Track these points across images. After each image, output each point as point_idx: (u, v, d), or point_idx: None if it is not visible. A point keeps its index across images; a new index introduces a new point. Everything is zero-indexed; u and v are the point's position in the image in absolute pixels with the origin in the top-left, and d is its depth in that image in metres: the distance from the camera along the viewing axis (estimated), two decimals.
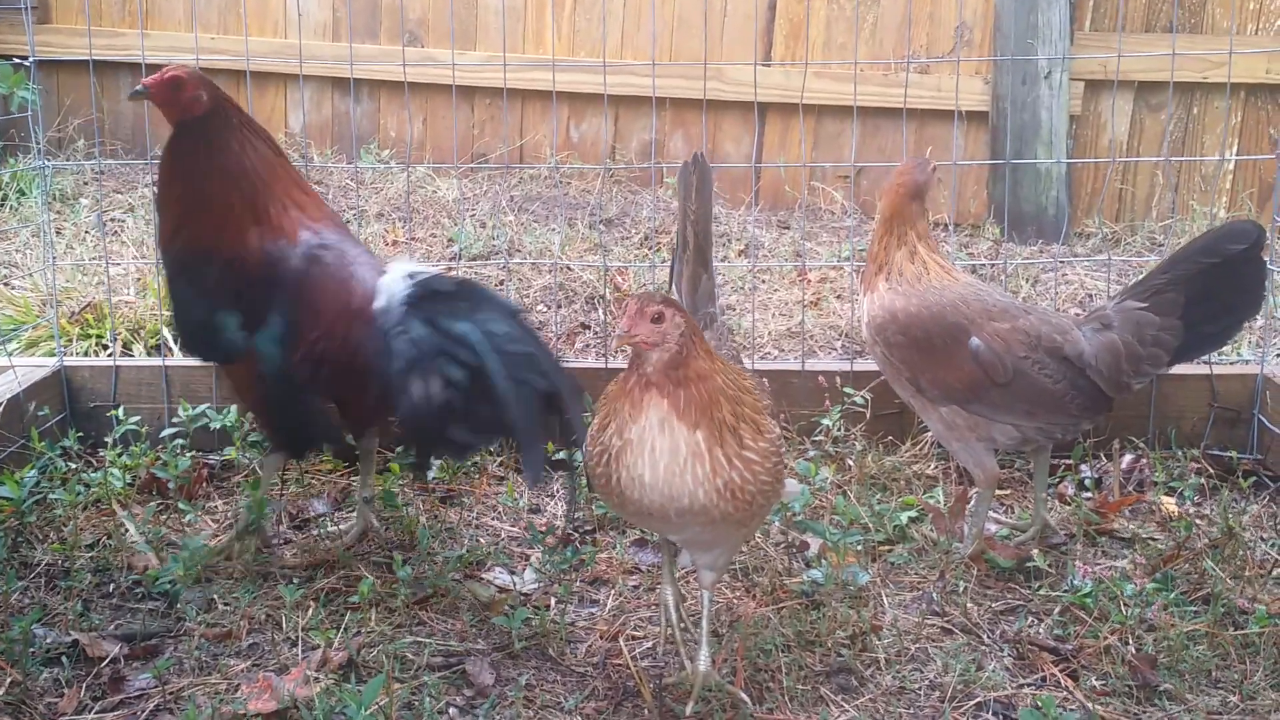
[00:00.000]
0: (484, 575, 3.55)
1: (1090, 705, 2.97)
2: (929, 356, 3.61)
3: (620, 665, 3.13)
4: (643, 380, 2.63)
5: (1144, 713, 2.97)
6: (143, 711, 2.86)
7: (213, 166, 3.44)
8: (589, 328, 5.39)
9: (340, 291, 3.34)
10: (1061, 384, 3.56)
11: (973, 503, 3.74)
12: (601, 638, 3.26)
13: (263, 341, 3.35)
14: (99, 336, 4.89)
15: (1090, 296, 5.83)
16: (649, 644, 3.23)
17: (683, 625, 3.15)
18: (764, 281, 5.93)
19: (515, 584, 3.51)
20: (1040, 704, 2.72)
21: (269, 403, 3.45)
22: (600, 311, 5.45)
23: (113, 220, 6.26)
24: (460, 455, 3.91)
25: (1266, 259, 3.63)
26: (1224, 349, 5.06)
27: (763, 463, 2.69)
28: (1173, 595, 3.38)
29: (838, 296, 5.74)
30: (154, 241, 4.99)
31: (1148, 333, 3.57)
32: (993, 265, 6.07)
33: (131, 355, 4.76)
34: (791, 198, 7.19)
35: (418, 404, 3.12)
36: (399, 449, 4.12)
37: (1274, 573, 3.59)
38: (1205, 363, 4.48)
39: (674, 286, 3.51)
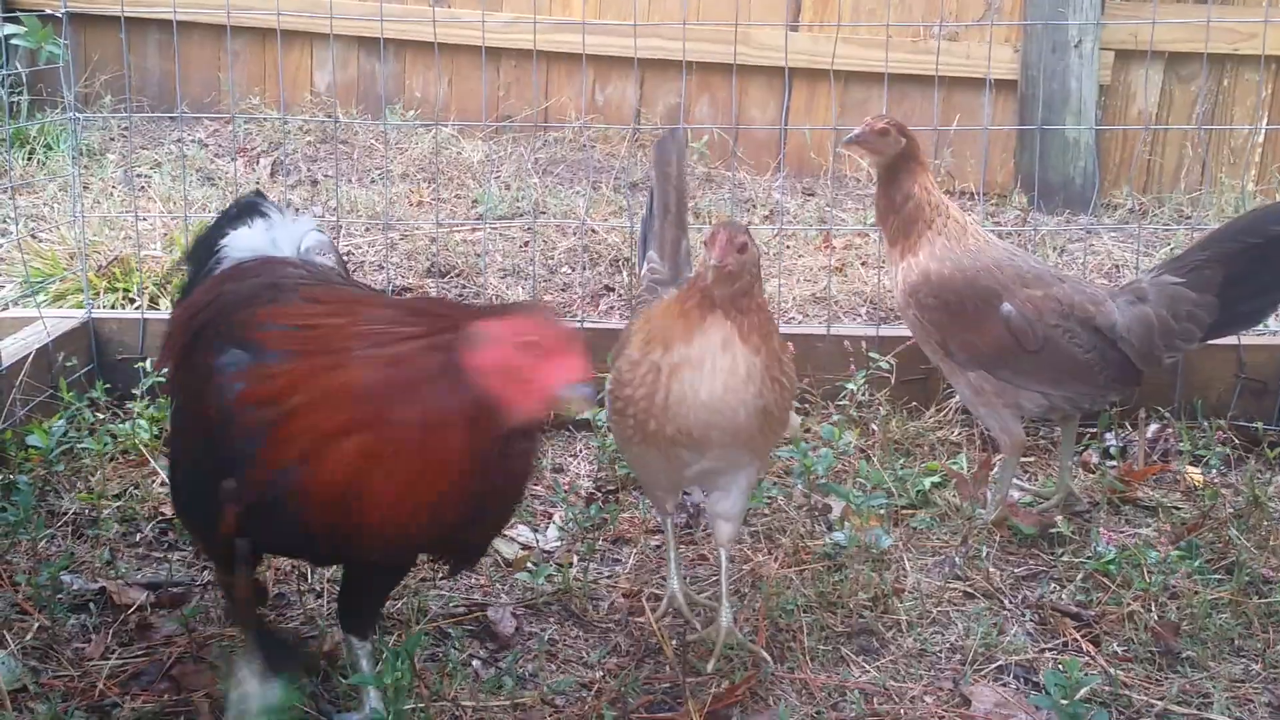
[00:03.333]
0: (508, 533, 3.56)
1: (1112, 670, 2.98)
2: (960, 320, 3.59)
3: (642, 623, 3.15)
4: (707, 302, 2.70)
5: (1166, 679, 2.98)
6: (168, 658, 2.89)
7: None
8: (613, 290, 5.39)
9: None
10: (1092, 354, 3.54)
11: (997, 469, 3.73)
12: (624, 595, 3.28)
13: None
14: (126, 290, 4.90)
15: (1117, 267, 5.80)
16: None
17: (693, 605, 3.18)
18: (789, 247, 5.91)
19: (539, 541, 3.53)
20: (1063, 667, 2.72)
21: None
22: (624, 274, 5.44)
23: (140, 176, 6.27)
24: None
25: None
26: None
27: (788, 392, 2.82)
28: (1196, 564, 3.38)
29: (863, 263, 5.72)
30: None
31: (1182, 308, 3.54)
32: (1019, 234, 6.04)
33: (158, 309, 4.78)
34: (817, 164, 7.15)
35: None
36: None
37: None
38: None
39: (645, 249, 3.53)
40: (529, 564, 3.36)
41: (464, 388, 2.15)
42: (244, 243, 2.85)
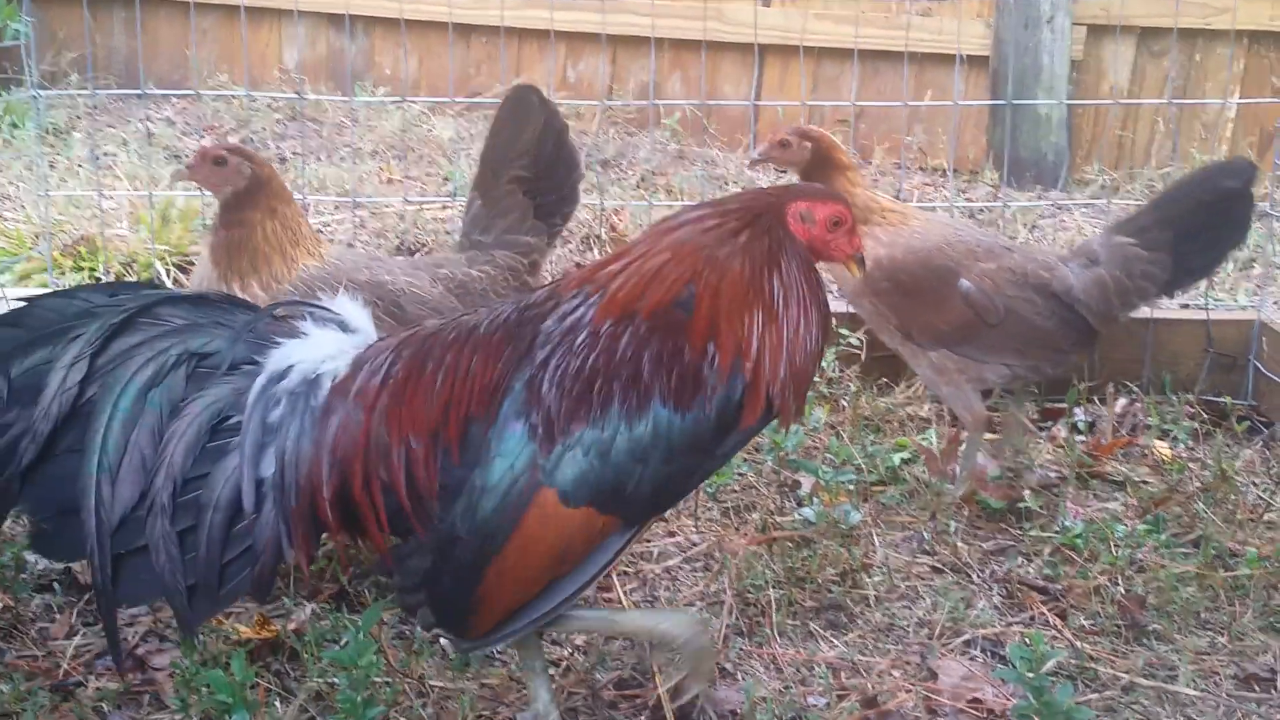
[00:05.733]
0: None
1: (1078, 644, 2.99)
2: (918, 302, 3.57)
3: (610, 598, 3.14)
4: None
5: (1132, 652, 2.99)
6: (134, 636, 2.87)
7: None
8: (583, 267, 5.36)
9: None
10: (1052, 320, 3.55)
11: (964, 446, 3.74)
12: None
13: None
14: (92, 269, 4.86)
15: None
16: (638, 581, 3.24)
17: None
18: None
19: None
20: (1029, 640, 2.73)
21: None
22: (596, 251, 5.42)
23: (106, 154, 6.21)
24: None
25: (1254, 193, 3.64)
26: (1221, 296, 5.07)
27: None
28: (1163, 537, 3.40)
29: None
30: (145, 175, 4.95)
31: (1136, 267, 3.56)
32: (990, 210, 6.05)
33: None
34: None
35: None
36: None
37: (1265, 516, 3.60)
38: (1202, 308, 4.48)
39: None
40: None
41: (803, 259, 2.31)
42: (315, 351, 2.30)
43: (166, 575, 2.13)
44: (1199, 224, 3.56)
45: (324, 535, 2.27)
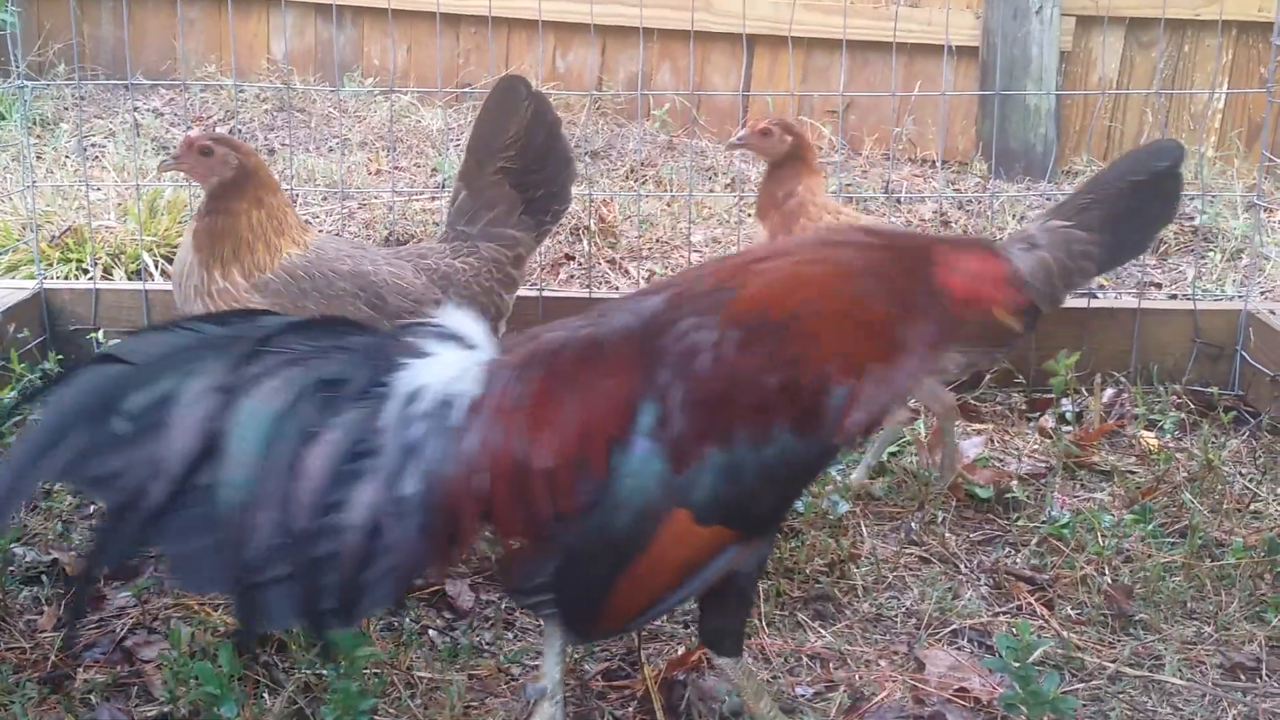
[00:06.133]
0: None
1: (1065, 634, 3.00)
2: None
3: None
4: None
5: (1118, 641, 3.00)
6: (122, 628, 2.87)
7: None
8: (573, 259, 5.37)
9: None
10: None
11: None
12: None
13: None
14: (79, 261, 4.86)
15: None
16: None
17: None
18: (749, 215, 5.89)
19: None
20: (1016, 630, 2.74)
21: None
22: (585, 243, 5.42)
23: (93, 145, 6.20)
24: None
25: (1182, 173, 3.78)
26: (1208, 286, 5.08)
27: None
28: (1150, 527, 3.41)
29: None
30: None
31: (1076, 248, 3.64)
32: (979, 201, 6.06)
33: (111, 280, 4.73)
34: None
35: None
36: None
37: (1251, 506, 3.61)
38: (1189, 299, 4.49)
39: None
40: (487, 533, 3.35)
41: (944, 311, 2.29)
42: (444, 371, 2.26)
43: (306, 599, 2.11)
44: (1132, 204, 3.69)
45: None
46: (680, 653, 2.85)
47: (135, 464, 2.03)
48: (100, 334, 4.15)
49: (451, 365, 2.24)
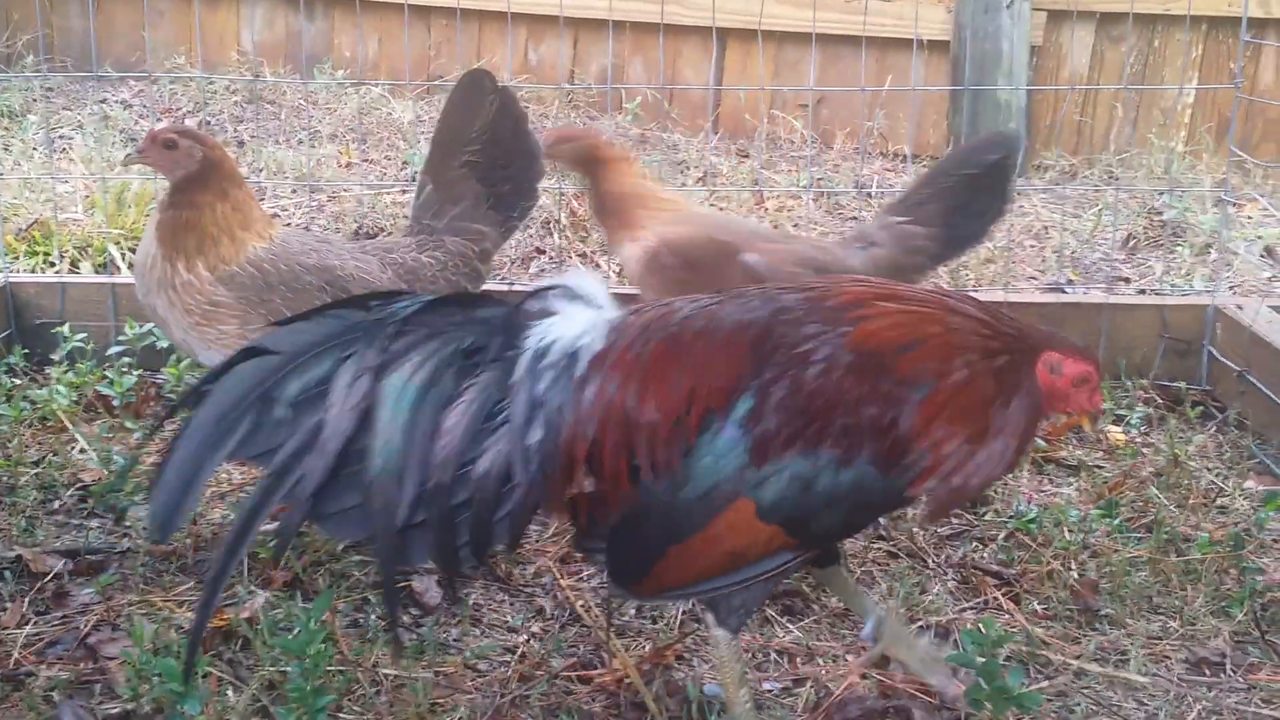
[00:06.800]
0: None
1: (1031, 628, 3.01)
2: (703, 274, 3.52)
3: (569, 586, 3.14)
4: None
5: (1084, 636, 3.01)
6: (86, 625, 2.85)
7: None
8: (544, 252, 5.36)
9: None
10: None
11: None
12: (550, 559, 3.27)
13: None
14: (46, 254, 4.82)
15: (1046, 229, 5.84)
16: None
17: None
18: (722, 209, 5.90)
19: None
20: (982, 626, 2.75)
21: None
22: (555, 236, 5.41)
23: (61, 138, 6.15)
24: None
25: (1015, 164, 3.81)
26: (1176, 281, 5.11)
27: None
28: (1116, 522, 3.42)
29: (795, 225, 5.72)
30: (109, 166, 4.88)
31: (912, 243, 3.65)
32: None
33: (78, 273, 4.69)
34: (751, 126, 7.13)
35: None
36: None
37: (1217, 501, 3.63)
38: (1157, 293, 4.51)
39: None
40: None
41: (1035, 405, 2.36)
42: (573, 327, 2.40)
43: (441, 542, 2.28)
44: (965, 197, 3.70)
45: None
46: (651, 649, 2.85)
47: (299, 446, 2.24)
48: (66, 327, 4.11)
49: (579, 322, 2.40)
